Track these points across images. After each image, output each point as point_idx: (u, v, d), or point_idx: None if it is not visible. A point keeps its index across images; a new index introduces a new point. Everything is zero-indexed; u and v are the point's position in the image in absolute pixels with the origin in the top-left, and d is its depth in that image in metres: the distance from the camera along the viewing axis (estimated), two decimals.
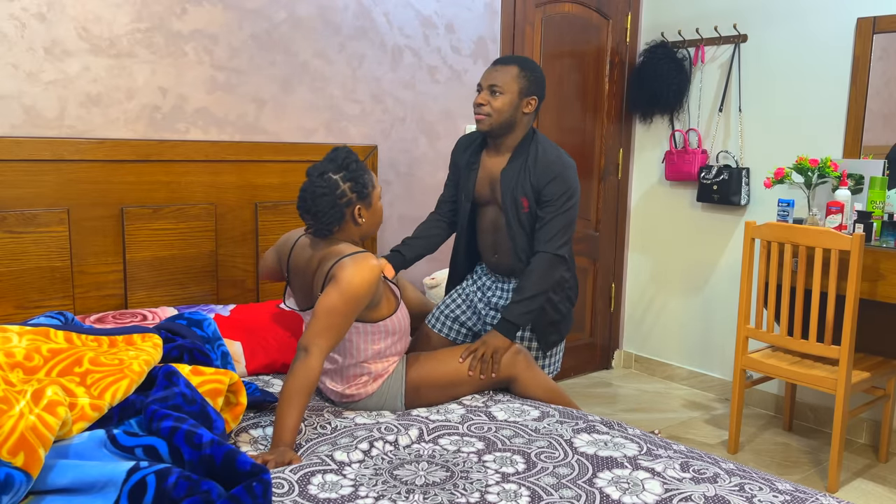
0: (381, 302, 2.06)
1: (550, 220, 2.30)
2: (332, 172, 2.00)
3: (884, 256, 2.83)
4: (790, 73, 3.50)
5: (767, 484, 1.66)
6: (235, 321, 2.42)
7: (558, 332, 2.47)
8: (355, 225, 2.06)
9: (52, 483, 1.41)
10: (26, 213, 2.28)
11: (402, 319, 2.13)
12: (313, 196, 1.98)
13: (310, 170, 2.03)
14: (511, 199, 2.34)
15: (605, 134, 4.04)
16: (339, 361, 2.09)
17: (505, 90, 2.30)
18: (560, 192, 2.30)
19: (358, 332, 2.05)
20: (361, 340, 2.06)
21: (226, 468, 1.46)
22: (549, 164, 2.31)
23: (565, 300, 2.44)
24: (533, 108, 2.35)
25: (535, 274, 2.30)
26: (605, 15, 3.92)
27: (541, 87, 2.36)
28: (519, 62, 2.34)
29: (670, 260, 4.08)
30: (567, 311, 2.47)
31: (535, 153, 2.33)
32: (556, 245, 2.30)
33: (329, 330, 1.88)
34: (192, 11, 2.58)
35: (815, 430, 3.47)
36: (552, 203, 2.30)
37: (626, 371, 4.31)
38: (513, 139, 2.37)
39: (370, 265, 1.94)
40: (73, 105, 2.39)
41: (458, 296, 2.55)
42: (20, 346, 1.75)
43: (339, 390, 2.12)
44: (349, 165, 2.01)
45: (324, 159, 2.04)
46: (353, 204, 2.02)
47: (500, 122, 2.32)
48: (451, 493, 1.60)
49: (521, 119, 2.35)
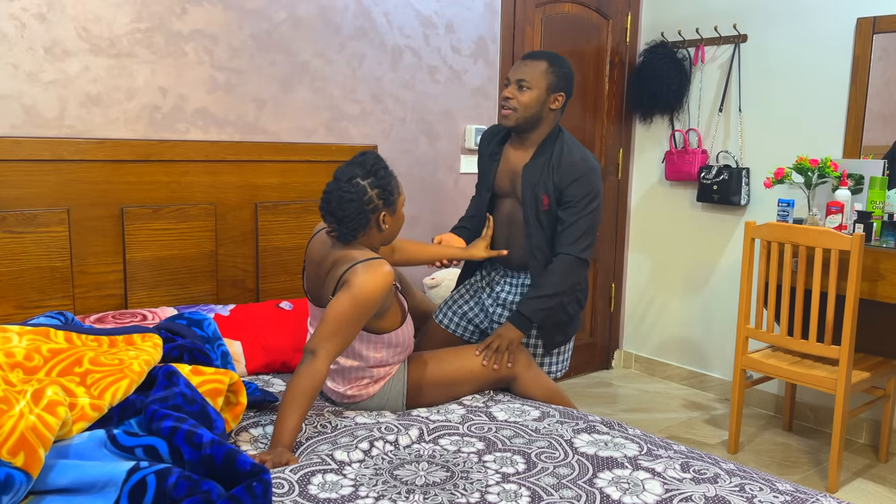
0: (388, 312, 2.05)
1: (574, 223, 2.30)
2: (360, 178, 1.97)
3: (884, 256, 2.83)
4: (790, 73, 3.50)
5: (768, 484, 1.66)
6: (235, 321, 2.42)
7: (564, 333, 2.47)
8: (378, 231, 2.04)
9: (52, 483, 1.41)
10: (26, 213, 2.28)
11: (406, 334, 2.11)
12: (340, 201, 1.95)
13: (338, 173, 1.98)
14: (531, 195, 2.33)
15: (605, 134, 4.04)
16: (341, 363, 2.09)
17: (533, 85, 2.29)
18: (583, 193, 2.29)
19: (361, 340, 2.04)
20: (364, 347, 2.06)
21: (226, 468, 1.46)
22: (573, 165, 2.30)
23: (574, 302, 2.45)
24: (560, 104, 2.34)
25: (556, 274, 2.30)
26: (605, 15, 3.92)
27: (569, 83, 2.35)
28: (548, 57, 2.34)
29: (670, 260, 4.08)
30: (575, 314, 2.47)
31: (560, 151, 2.32)
32: (580, 248, 2.30)
33: (337, 335, 1.88)
34: (192, 11, 2.58)
35: (815, 430, 3.47)
36: (575, 205, 2.29)
37: (626, 371, 4.31)
38: (538, 135, 2.37)
39: (384, 272, 1.92)
40: (73, 105, 2.39)
41: (467, 291, 2.56)
42: (20, 346, 1.75)
43: (341, 391, 2.12)
44: (377, 171, 1.99)
45: (351, 163, 2.00)
46: (379, 211, 2.00)
47: (527, 117, 2.32)
48: (451, 494, 1.60)
49: (548, 115, 2.35)
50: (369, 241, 2.05)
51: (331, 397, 2.18)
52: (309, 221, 2.89)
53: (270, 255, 2.81)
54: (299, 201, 2.86)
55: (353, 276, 1.92)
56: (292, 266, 2.87)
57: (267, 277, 2.81)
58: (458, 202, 3.45)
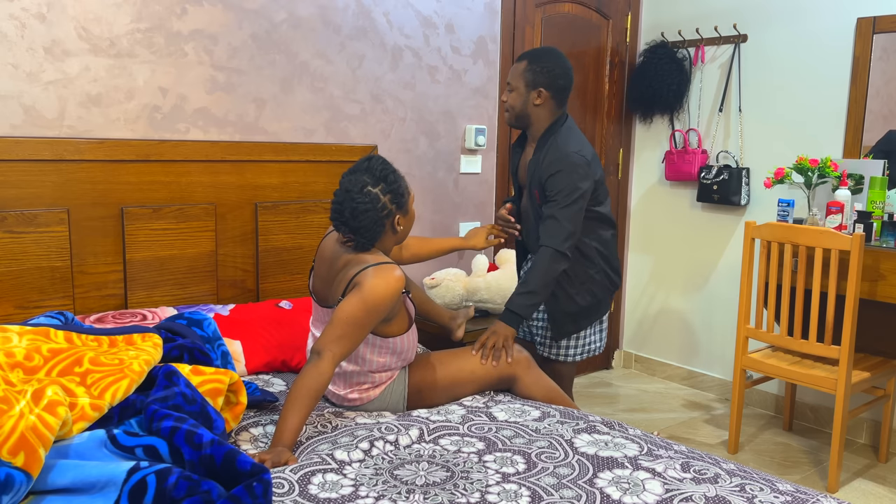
0: (395, 317, 2.04)
1: (552, 216, 2.33)
2: (371, 186, 1.94)
3: (884, 256, 2.83)
4: (790, 73, 3.50)
5: (768, 485, 1.66)
6: (235, 321, 2.42)
7: (575, 322, 2.48)
8: (393, 234, 2.04)
9: (52, 483, 1.41)
10: (26, 213, 2.28)
11: (410, 341, 2.11)
12: (354, 212, 1.93)
13: (347, 183, 1.95)
14: (529, 189, 2.44)
15: (605, 134, 4.04)
16: (343, 366, 2.07)
17: (514, 86, 2.41)
18: (560, 187, 2.31)
19: (366, 343, 2.03)
20: (368, 351, 2.05)
21: (226, 468, 1.46)
22: (555, 160, 2.33)
23: (586, 293, 2.46)
24: (544, 98, 2.38)
25: (537, 268, 2.33)
26: (605, 15, 3.92)
27: (551, 77, 2.37)
28: (529, 56, 2.40)
29: (670, 260, 4.08)
30: (589, 304, 2.47)
31: (551, 145, 2.38)
32: (558, 241, 2.31)
33: (345, 338, 1.87)
34: (192, 11, 2.58)
35: (815, 430, 3.47)
36: (554, 198, 2.33)
37: (626, 371, 4.31)
38: (536, 130, 2.44)
39: (395, 276, 1.92)
40: (73, 105, 2.39)
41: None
42: (20, 345, 1.74)
43: (341, 394, 2.11)
44: (387, 176, 1.97)
45: (357, 170, 1.97)
46: (393, 215, 2.00)
47: (516, 115, 2.43)
48: (451, 494, 1.60)
49: (535, 111, 2.41)
50: (383, 244, 2.05)
51: (331, 400, 2.17)
52: (309, 221, 2.89)
53: (270, 255, 2.81)
54: (299, 201, 2.86)
55: (365, 279, 1.91)
56: (292, 266, 2.87)
57: (267, 277, 2.81)
58: (458, 202, 3.45)
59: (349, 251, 2.01)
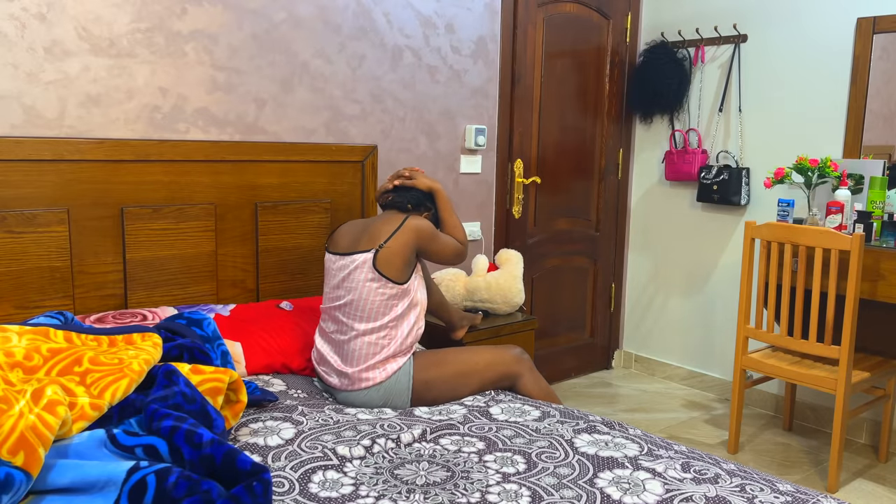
0: (416, 267, 2.31)
1: None
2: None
3: (884, 256, 2.83)
4: (790, 73, 3.50)
5: (769, 485, 1.66)
6: (235, 321, 2.42)
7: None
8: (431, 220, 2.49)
9: (52, 483, 1.41)
10: (26, 213, 2.28)
11: (423, 293, 2.34)
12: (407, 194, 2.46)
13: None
14: None
15: (605, 134, 4.04)
16: (359, 329, 2.18)
17: None
18: None
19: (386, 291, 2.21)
20: (388, 298, 2.20)
21: (226, 467, 1.46)
22: None
23: None
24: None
25: None
26: (606, 15, 3.92)
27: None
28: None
29: (670, 260, 4.07)
30: None
31: None
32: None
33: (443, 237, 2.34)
34: (192, 11, 2.58)
35: (815, 430, 3.47)
36: None
37: (626, 371, 4.31)
38: None
39: (427, 220, 2.36)
40: (73, 105, 2.39)
41: None
42: (20, 345, 1.74)
43: (350, 371, 2.17)
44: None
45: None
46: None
47: None
48: (451, 493, 1.60)
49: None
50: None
51: (334, 385, 2.20)
52: (309, 221, 2.89)
53: (270, 255, 2.81)
54: (299, 201, 2.86)
55: (414, 220, 2.29)
56: (292, 266, 2.87)
57: (267, 277, 2.81)
58: (459, 202, 3.45)
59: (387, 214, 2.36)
